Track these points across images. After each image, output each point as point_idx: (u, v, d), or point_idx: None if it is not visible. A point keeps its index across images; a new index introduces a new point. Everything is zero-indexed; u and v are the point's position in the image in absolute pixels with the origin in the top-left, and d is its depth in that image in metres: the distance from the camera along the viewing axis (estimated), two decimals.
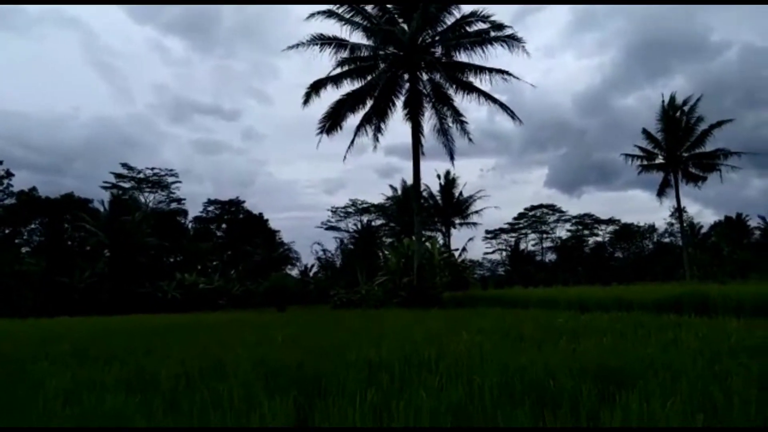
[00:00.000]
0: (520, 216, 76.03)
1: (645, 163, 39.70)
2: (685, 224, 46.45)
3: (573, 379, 4.08)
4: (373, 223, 59.77)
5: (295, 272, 61.90)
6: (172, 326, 14.64)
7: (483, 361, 5.24)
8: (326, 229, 66.32)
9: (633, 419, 2.88)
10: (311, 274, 60.60)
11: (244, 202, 66.40)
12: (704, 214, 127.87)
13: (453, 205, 50.68)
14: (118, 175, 59.65)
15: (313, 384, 4.65)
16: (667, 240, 68.91)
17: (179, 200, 63.51)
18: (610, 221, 73.71)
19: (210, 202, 66.03)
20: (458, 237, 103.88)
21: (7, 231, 51.10)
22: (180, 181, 63.47)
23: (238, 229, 62.23)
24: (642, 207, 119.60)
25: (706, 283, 20.43)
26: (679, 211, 40.47)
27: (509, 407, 3.44)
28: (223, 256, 62.11)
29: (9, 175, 52.28)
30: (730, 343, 5.67)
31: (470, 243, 77.10)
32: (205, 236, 61.72)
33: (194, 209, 65.92)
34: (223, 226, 65.34)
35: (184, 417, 3.54)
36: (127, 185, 60.25)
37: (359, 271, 45.54)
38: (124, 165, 60.15)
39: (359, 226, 59.48)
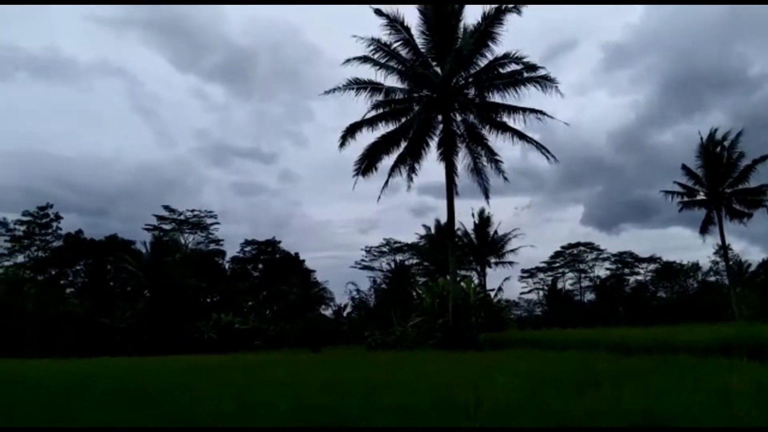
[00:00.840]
0: (557, 254, 74.45)
1: (686, 199, 38.66)
2: (731, 262, 44.62)
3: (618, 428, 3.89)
4: (406, 263, 59.54)
5: (329, 312, 61.79)
6: (208, 367, 14.71)
7: (521, 408, 5.06)
8: (360, 268, 66.40)
9: None
10: (345, 314, 60.38)
11: (280, 242, 67.27)
12: (751, 252, 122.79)
13: (488, 244, 50.14)
14: (159, 217, 61.50)
15: (349, 429, 4.57)
16: (712, 279, 66.14)
17: (218, 241, 64.83)
18: (651, 259, 71.35)
19: (247, 242, 67.11)
20: (494, 276, 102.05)
21: (53, 272, 52.91)
22: (219, 223, 64.95)
23: (274, 268, 62.80)
24: (684, 244, 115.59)
25: (757, 324, 19.39)
26: (724, 249, 38.98)
27: None
28: (258, 296, 62.60)
29: (58, 218, 54.54)
30: None
31: (506, 282, 75.86)
32: (242, 276, 62.47)
33: (232, 249, 67.07)
34: (260, 266, 66.10)
35: None
36: (168, 227, 61.94)
37: (393, 312, 45.14)
38: (166, 207, 62.08)
39: (393, 265, 59.35)
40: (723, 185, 36.82)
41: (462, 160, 25.44)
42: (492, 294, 39.30)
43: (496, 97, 24.16)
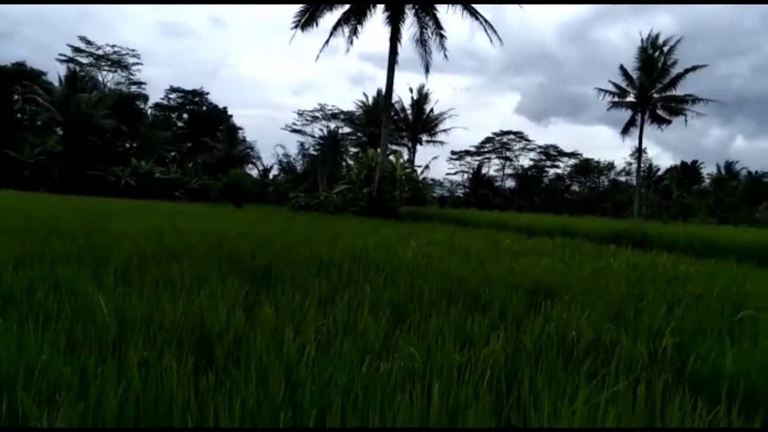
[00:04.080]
0: (487, 140, 76.35)
1: (616, 99, 40.10)
2: (642, 165, 47.89)
3: (507, 290, 4.41)
4: (339, 131, 59.13)
5: (254, 172, 61.43)
6: (125, 210, 14.57)
7: (427, 268, 5.55)
8: (291, 131, 65.26)
9: (552, 323, 3.21)
10: (271, 176, 60.27)
11: (208, 93, 64.18)
12: (662, 158, 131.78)
13: (422, 122, 50.44)
14: (75, 49, 56.15)
15: (265, 273, 4.87)
16: (623, 179, 71.06)
17: (139, 83, 60.85)
18: (572, 155, 74.94)
19: (172, 89, 63.49)
20: (423, 154, 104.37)
21: None
22: (141, 63, 60.76)
23: (200, 121, 60.53)
24: (605, 144, 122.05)
25: (650, 222, 21.53)
26: (639, 152, 41.59)
27: (444, 306, 3.75)
28: (181, 147, 60.76)
29: None
30: (655, 272, 6.18)
31: (434, 161, 77.86)
32: (165, 125, 59.87)
33: (155, 95, 63.73)
34: (185, 116, 63.31)
35: (135, 291, 3.67)
36: (84, 60, 56.94)
37: (320, 178, 45.62)
38: (83, 38, 56.52)
39: (325, 132, 58.78)
40: (652, 90, 38.31)
41: (408, 29, 24.64)
42: (419, 171, 40.49)
43: None
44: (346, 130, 59.97)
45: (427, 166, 42.17)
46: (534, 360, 2.62)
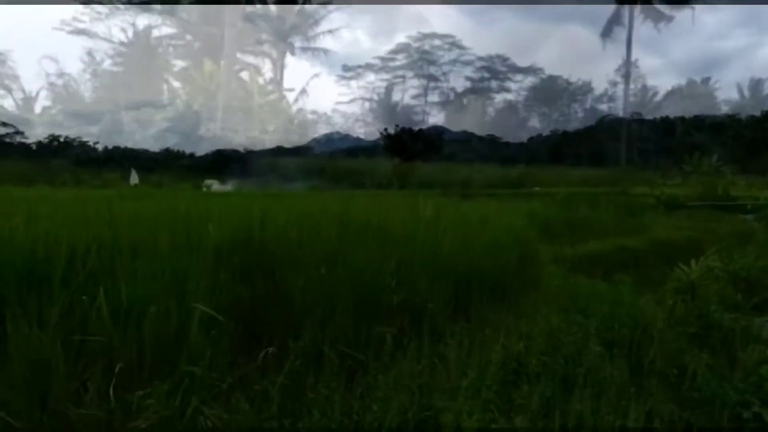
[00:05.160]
0: (400, 49, 76.50)
1: None
2: (633, 86, 50.28)
3: (425, 281, 4.52)
4: (154, 31, 57.32)
5: (10, 103, 58.52)
6: None
7: (299, 253, 5.58)
8: (70, 33, 62.26)
9: (487, 330, 3.32)
10: (39, 109, 57.85)
11: None
12: (661, 75, 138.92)
13: (294, 16, 49.97)
14: None
15: None
16: (604, 107, 73.98)
17: None
18: (530, 70, 76.75)
19: None
20: (297, 71, 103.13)
21: None
22: None
23: None
24: (578, 54, 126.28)
25: (642, 172, 22.84)
26: (627, 63, 43.78)
27: (323, 314, 3.76)
28: None
29: None
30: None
31: (315, 81, 77.06)
32: None
33: None
34: None
35: None
36: None
37: (124, 110, 44.20)
38: None
39: (131, 33, 56.72)
40: None
41: None
42: (290, 98, 40.23)
43: None
44: (167, 30, 58.20)
45: (303, 90, 41.91)
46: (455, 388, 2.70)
